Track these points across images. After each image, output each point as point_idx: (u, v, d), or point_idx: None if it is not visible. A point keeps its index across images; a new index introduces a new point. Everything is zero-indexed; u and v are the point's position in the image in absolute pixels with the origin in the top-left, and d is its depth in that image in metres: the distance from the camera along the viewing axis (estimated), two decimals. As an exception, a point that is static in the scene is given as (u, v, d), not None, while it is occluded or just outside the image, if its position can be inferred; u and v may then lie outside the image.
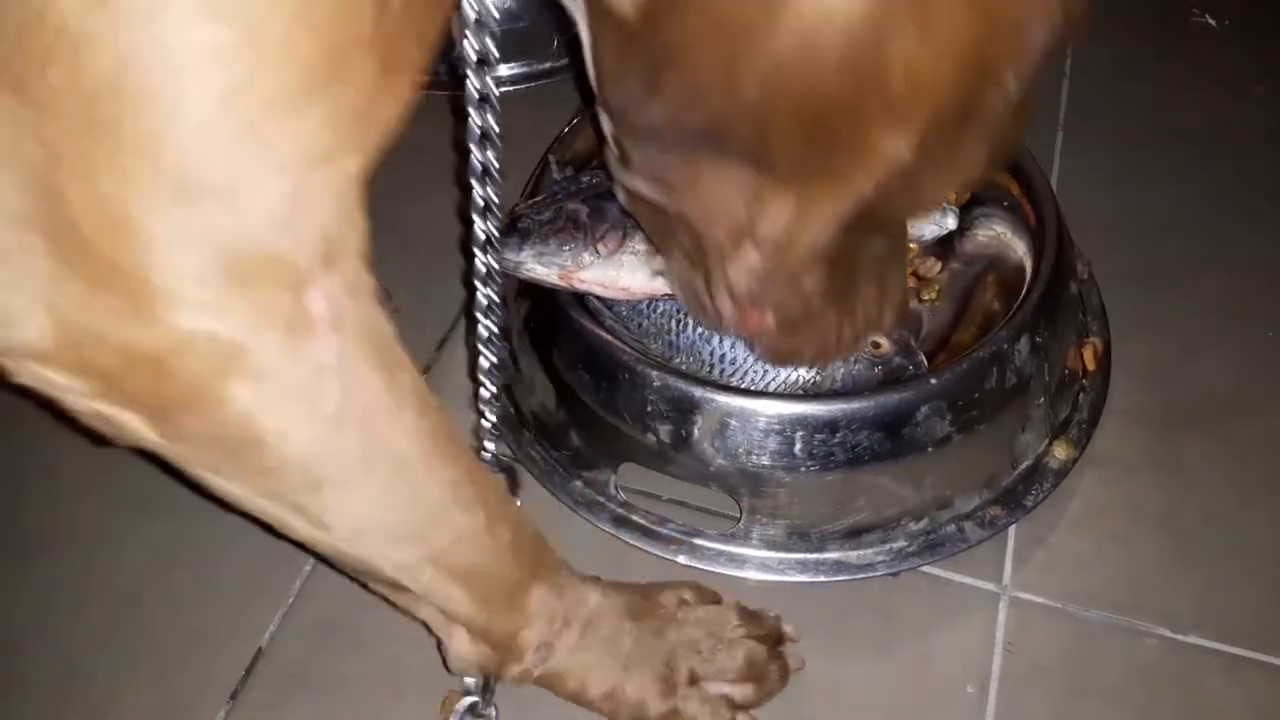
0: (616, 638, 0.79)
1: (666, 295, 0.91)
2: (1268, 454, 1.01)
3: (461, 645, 0.75)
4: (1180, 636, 0.89)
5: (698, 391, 0.87)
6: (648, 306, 0.95)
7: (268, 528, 0.62)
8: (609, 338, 0.90)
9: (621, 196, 0.78)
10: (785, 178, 0.66)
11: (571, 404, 0.92)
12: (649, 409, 0.88)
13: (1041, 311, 0.93)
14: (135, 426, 0.53)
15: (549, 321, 0.94)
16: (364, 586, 0.78)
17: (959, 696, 0.86)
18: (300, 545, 0.64)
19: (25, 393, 0.53)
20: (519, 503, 0.87)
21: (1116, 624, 0.90)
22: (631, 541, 0.93)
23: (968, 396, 0.89)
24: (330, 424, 0.56)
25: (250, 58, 0.45)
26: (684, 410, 0.87)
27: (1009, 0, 0.56)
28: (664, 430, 0.88)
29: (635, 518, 0.94)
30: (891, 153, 0.61)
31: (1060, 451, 0.98)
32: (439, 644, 0.80)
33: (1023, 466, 0.96)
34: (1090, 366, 1.03)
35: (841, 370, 0.94)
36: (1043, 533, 0.96)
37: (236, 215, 0.48)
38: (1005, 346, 0.90)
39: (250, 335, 0.51)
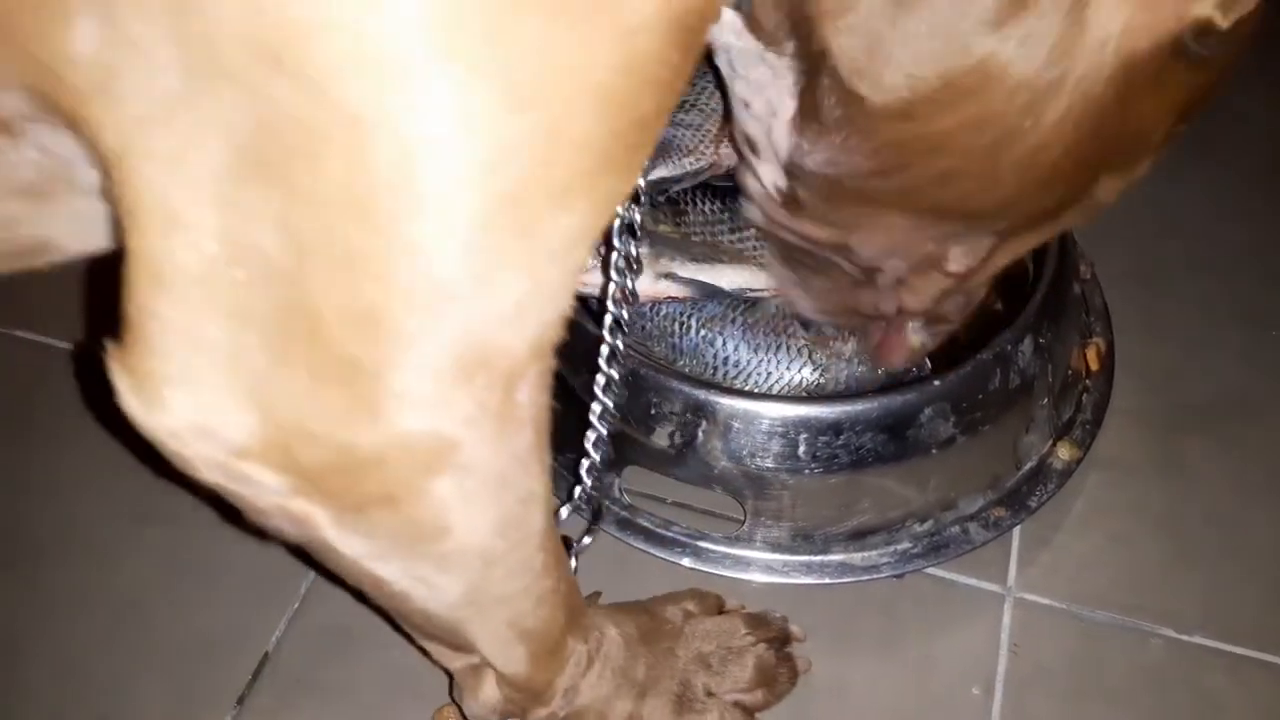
0: (631, 667, 0.78)
1: (670, 298, 0.91)
2: (1271, 454, 1.02)
3: (489, 693, 0.74)
4: (1185, 637, 0.89)
5: (702, 394, 0.87)
6: (651, 309, 0.95)
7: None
8: (612, 341, 0.90)
9: (760, 220, 0.80)
10: (996, 235, 0.70)
11: (576, 407, 0.92)
12: (653, 412, 0.88)
13: (1045, 312, 0.93)
14: (319, 524, 0.52)
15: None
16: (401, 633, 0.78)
17: (964, 698, 0.86)
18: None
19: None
20: (588, 540, 0.88)
21: (1121, 625, 0.90)
22: (636, 545, 0.93)
23: (971, 398, 0.89)
24: (508, 509, 0.56)
25: (549, 147, 0.44)
26: (688, 413, 0.87)
27: (1225, 54, 0.60)
28: (668, 433, 0.88)
29: (640, 521, 0.94)
30: (1104, 196, 0.68)
31: (1064, 452, 0.98)
32: (450, 685, 0.79)
33: (1026, 467, 0.96)
34: (1094, 367, 1.03)
35: (845, 372, 0.94)
36: (1047, 534, 0.96)
37: (479, 313, 0.47)
38: (1009, 348, 0.91)
39: (465, 430, 0.50)
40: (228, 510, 0.54)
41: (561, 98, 0.43)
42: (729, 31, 0.64)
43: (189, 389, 0.47)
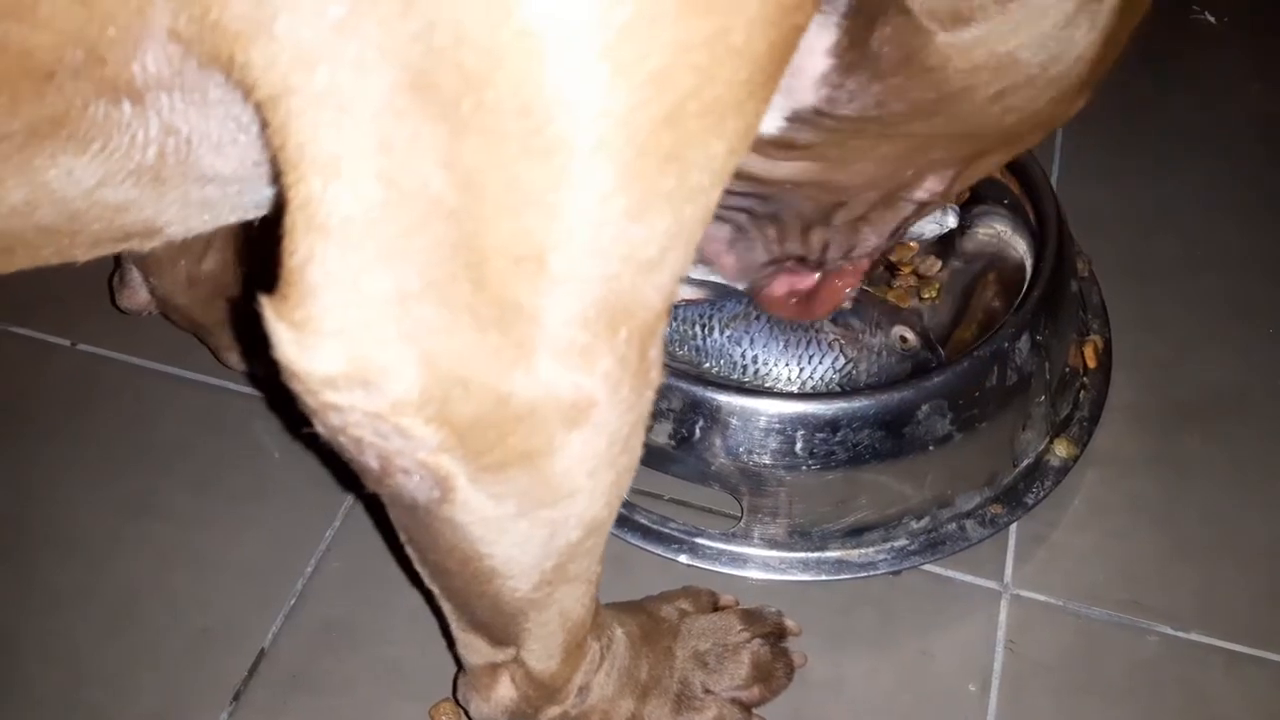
0: (635, 667, 0.78)
1: (684, 301, 0.91)
2: (1268, 451, 1.02)
3: (504, 693, 0.73)
4: (1181, 633, 0.90)
5: (699, 391, 0.87)
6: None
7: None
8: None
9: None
10: (984, 151, 0.70)
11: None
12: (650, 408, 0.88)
13: (1042, 309, 0.93)
14: (457, 484, 0.51)
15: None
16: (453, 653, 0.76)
17: (961, 695, 0.87)
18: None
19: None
20: None
21: (1117, 621, 0.90)
22: (633, 542, 0.93)
23: (968, 395, 0.89)
24: (620, 474, 0.55)
25: (713, 58, 0.42)
26: (685, 410, 0.87)
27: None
28: (665, 430, 0.88)
29: (637, 517, 0.94)
30: (1071, 116, 0.68)
31: (1061, 449, 0.98)
32: (454, 686, 0.79)
33: (1024, 464, 0.96)
34: (1091, 364, 1.03)
35: (876, 365, 0.95)
36: (1044, 531, 0.96)
37: (625, 254, 0.45)
38: (1006, 345, 0.91)
39: (605, 387, 0.49)
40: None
41: (731, 1, 0.41)
42: None
43: (350, 339, 0.46)
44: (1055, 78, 0.62)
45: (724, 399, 0.87)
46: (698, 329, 0.95)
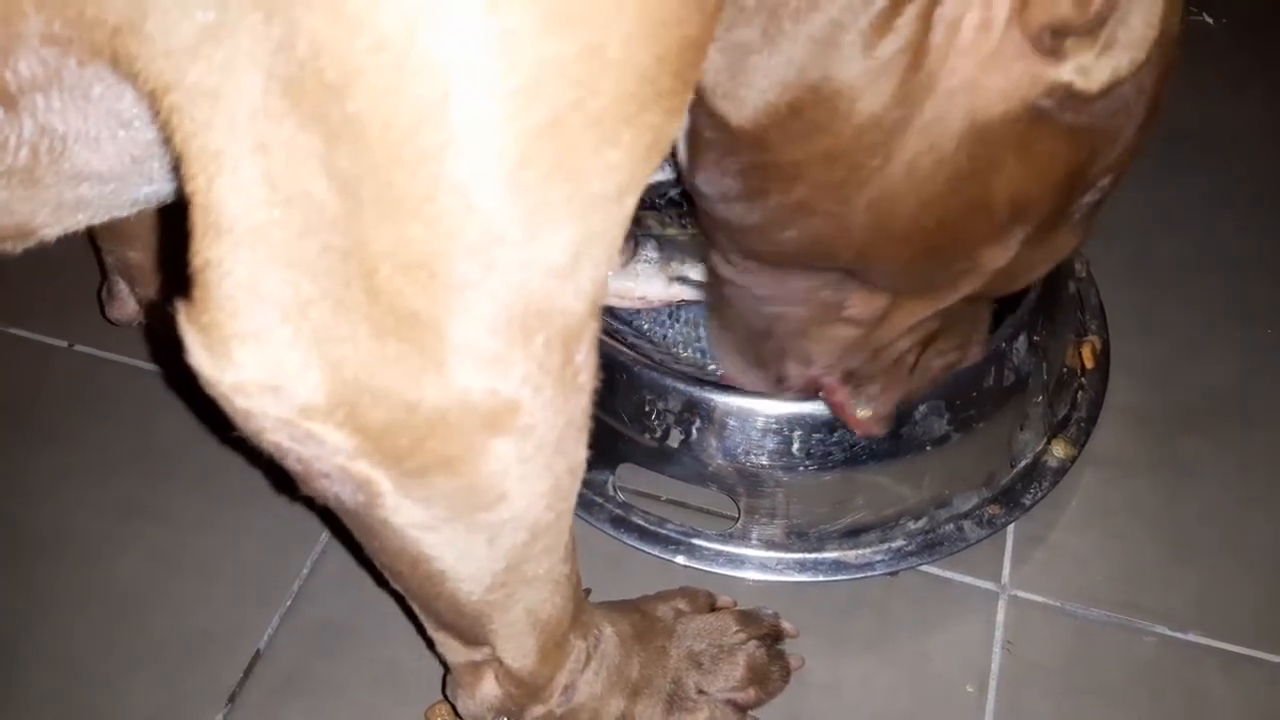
0: (625, 666, 0.78)
1: (684, 301, 0.91)
2: (1267, 453, 1.01)
3: (488, 690, 0.73)
4: (1179, 634, 0.89)
5: (696, 392, 0.87)
6: (669, 316, 0.95)
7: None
8: (605, 338, 0.90)
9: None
10: (885, 288, 0.70)
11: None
12: (646, 409, 0.88)
13: (1039, 310, 0.93)
14: (381, 490, 0.51)
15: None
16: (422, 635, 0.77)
17: (958, 696, 0.86)
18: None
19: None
20: None
21: (1115, 622, 0.90)
22: (630, 542, 0.93)
23: (966, 395, 0.89)
24: (559, 477, 0.55)
25: (589, 71, 0.41)
26: (682, 410, 0.87)
27: (1106, 120, 0.59)
28: (662, 430, 0.88)
29: (634, 518, 0.94)
30: (992, 263, 0.67)
31: (1059, 450, 0.97)
32: (444, 682, 0.79)
33: (1021, 465, 0.96)
34: (1089, 364, 1.03)
35: None
36: (1041, 531, 0.96)
37: (529, 262, 0.45)
38: (1003, 345, 0.91)
39: (526, 391, 0.49)
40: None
41: (602, 15, 0.41)
42: None
43: (257, 345, 0.46)
44: (871, 206, 0.61)
45: (721, 400, 0.87)
46: (700, 331, 0.95)
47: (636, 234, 0.91)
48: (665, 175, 0.91)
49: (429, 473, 0.51)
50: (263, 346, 0.46)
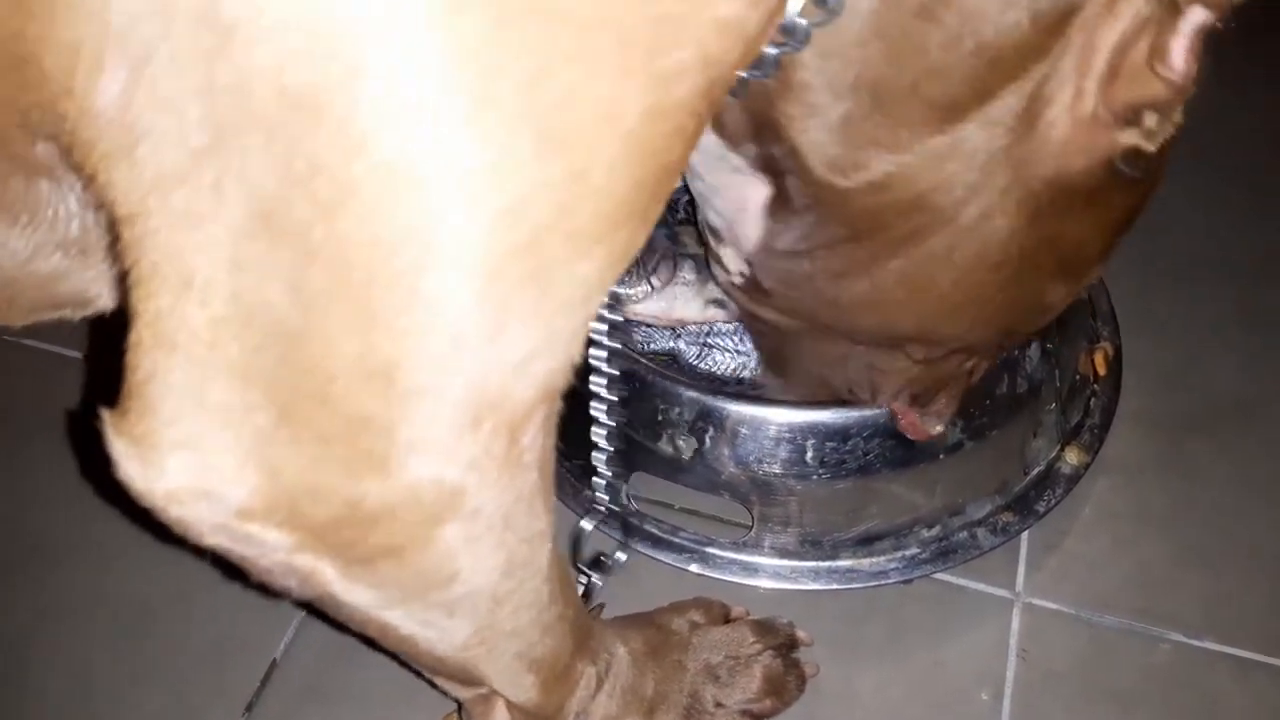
0: (640, 684, 0.78)
1: (719, 321, 0.92)
2: (1277, 457, 1.01)
3: (501, 718, 0.74)
4: (1193, 641, 0.89)
5: (709, 400, 0.87)
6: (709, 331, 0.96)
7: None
8: (620, 347, 0.90)
9: (733, 311, 0.85)
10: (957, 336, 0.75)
11: (582, 413, 0.92)
12: (660, 418, 0.88)
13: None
14: (326, 579, 0.52)
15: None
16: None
17: (973, 703, 0.86)
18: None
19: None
20: (623, 557, 0.90)
21: (1129, 629, 0.90)
22: (644, 551, 0.93)
23: (979, 403, 0.89)
24: (514, 549, 0.56)
25: (572, 194, 0.43)
26: (696, 419, 0.87)
27: (1155, 170, 0.65)
28: (675, 439, 0.88)
29: (647, 527, 0.94)
30: (1056, 303, 0.74)
31: (1072, 457, 0.97)
32: (459, 709, 0.79)
33: (1035, 472, 0.96)
34: (1101, 371, 1.03)
35: None
36: (1055, 538, 0.96)
37: (487, 362, 0.46)
38: (1016, 353, 0.91)
39: (471, 476, 0.49)
40: (229, 569, 0.53)
41: (589, 144, 0.43)
42: None
43: (190, 452, 0.46)
44: (969, 233, 0.65)
45: (734, 408, 0.87)
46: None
47: (675, 253, 0.90)
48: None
49: (375, 561, 0.51)
50: (197, 453, 0.46)
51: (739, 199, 0.70)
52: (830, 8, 0.53)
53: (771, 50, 0.54)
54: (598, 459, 0.85)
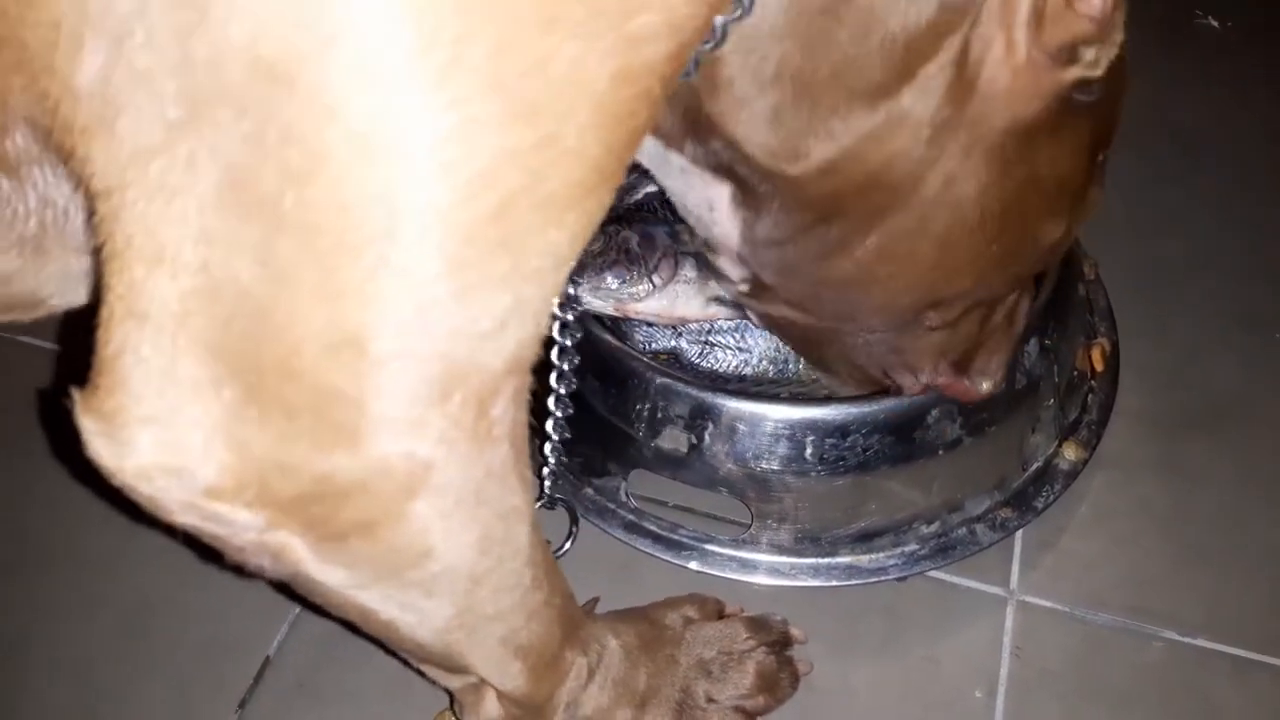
0: (632, 677, 0.78)
1: (720, 319, 0.91)
2: (1274, 456, 1.01)
3: (491, 709, 0.74)
4: (1188, 639, 0.89)
5: (708, 397, 0.87)
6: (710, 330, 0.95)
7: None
8: (618, 344, 0.90)
9: (759, 322, 0.85)
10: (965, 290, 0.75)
11: (581, 411, 0.91)
12: (659, 415, 0.87)
13: (1050, 313, 0.93)
14: (299, 556, 0.51)
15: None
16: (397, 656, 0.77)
17: (967, 701, 0.86)
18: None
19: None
20: (570, 544, 0.90)
21: (1124, 627, 0.90)
22: (643, 548, 0.92)
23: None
24: (488, 525, 0.55)
25: (543, 159, 0.44)
26: (694, 416, 0.87)
27: (1109, 90, 0.66)
28: (674, 436, 0.88)
29: (647, 524, 0.93)
30: (1051, 239, 0.74)
31: (1070, 453, 0.97)
32: (451, 700, 0.79)
33: (1033, 468, 0.96)
34: (1098, 367, 1.02)
35: None
36: (1050, 536, 0.96)
37: (456, 329, 0.46)
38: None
39: (440, 450, 0.49)
40: (206, 551, 0.53)
41: (560, 109, 0.43)
42: None
43: (159, 428, 0.46)
44: (939, 199, 0.66)
45: (732, 405, 0.86)
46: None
47: (676, 251, 0.90)
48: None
49: (347, 538, 0.51)
50: (166, 429, 0.46)
51: (704, 199, 0.71)
52: (744, 5, 0.54)
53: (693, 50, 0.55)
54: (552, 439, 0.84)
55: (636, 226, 0.92)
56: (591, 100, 0.44)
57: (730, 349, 0.93)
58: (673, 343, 0.94)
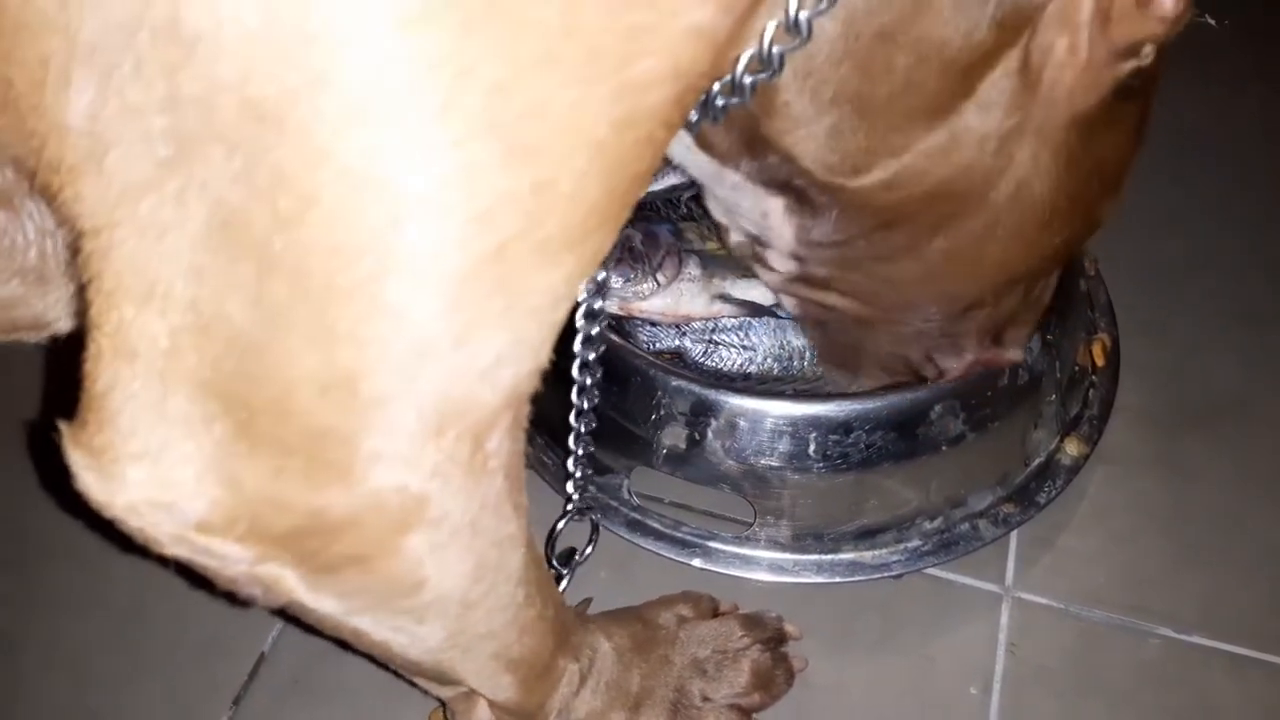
0: (625, 679, 0.78)
1: (725, 317, 0.91)
2: (1272, 454, 1.02)
3: (483, 716, 0.74)
4: (1183, 636, 0.90)
5: (710, 394, 0.86)
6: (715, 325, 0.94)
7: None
8: (620, 341, 0.89)
9: (794, 310, 0.86)
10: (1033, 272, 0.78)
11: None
12: (661, 412, 0.86)
13: (1051, 308, 0.92)
14: (290, 586, 0.51)
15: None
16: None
17: (962, 698, 0.86)
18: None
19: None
20: (590, 551, 0.89)
21: (1119, 624, 0.90)
22: (646, 546, 0.92)
23: (980, 394, 0.88)
24: (482, 554, 0.55)
25: (541, 203, 0.43)
26: (696, 413, 0.86)
27: (1154, 71, 0.66)
28: (676, 433, 0.87)
29: (650, 522, 0.93)
30: (1108, 216, 0.76)
31: (1072, 448, 0.97)
32: (442, 707, 0.79)
33: (1035, 464, 0.96)
34: (1099, 363, 1.02)
35: None
36: (1046, 533, 0.96)
37: (453, 369, 0.46)
38: (1018, 345, 0.90)
39: (435, 484, 0.49)
40: (194, 576, 0.52)
41: (558, 154, 0.42)
42: (679, 146, 0.69)
43: (149, 464, 0.45)
44: (1010, 198, 0.67)
45: (734, 401, 0.86)
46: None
47: (680, 249, 0.89)
48: (677, 179, 0.89)
49: (340, 570, 0.51)
50: (156, 465, 0.46)
51: (758, 209, 0.72)
52: (801, 35, 0.54)
53: (749, 79, 0.55)
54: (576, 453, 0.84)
55: (640, 225, 0.91)
56: (591, 146, 0.43)
57: (734, 347, 0.92)
58: (677, 342, 0.93)
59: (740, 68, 0.55)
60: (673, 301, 0.89)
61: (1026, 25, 0.59)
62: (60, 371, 0.47)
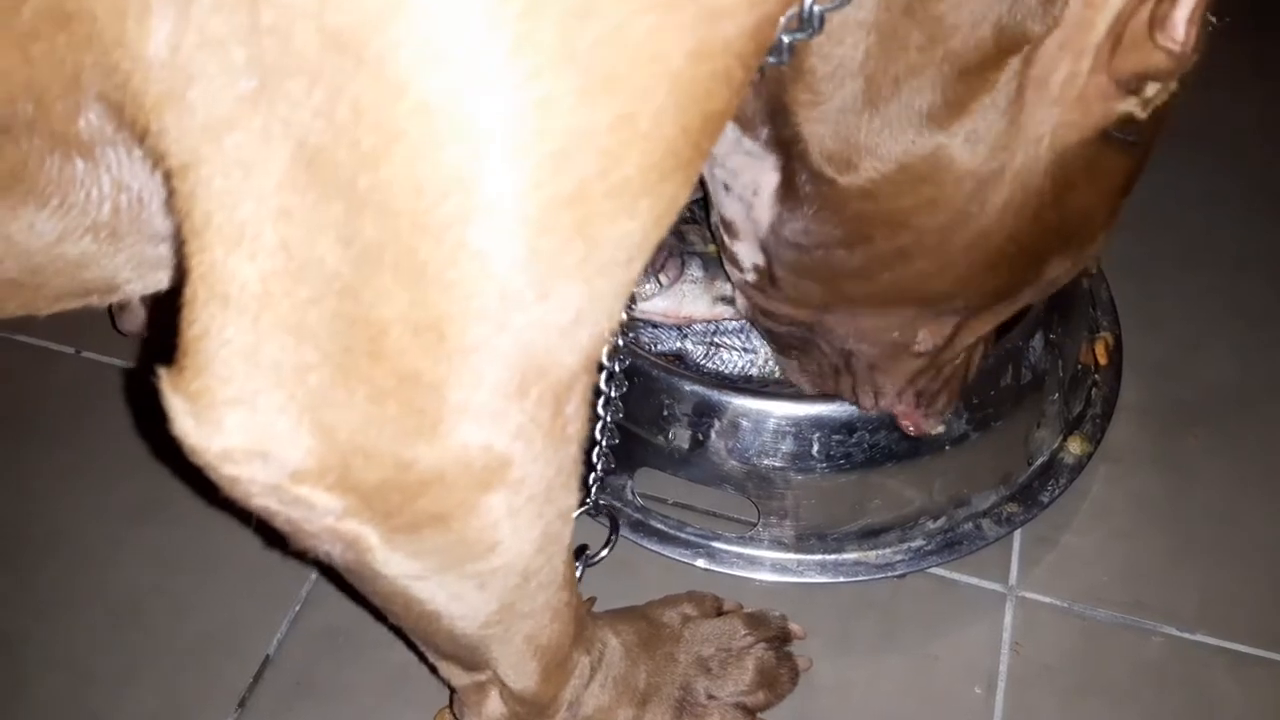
0: (632, 675, 0.78)
1: (727, 319, 0.91)
2: (1272, 452, 1.02)
3: (494, 709, 0.74)
4: (1186, 635, 0.90)
5: (713, 395, 0.86)
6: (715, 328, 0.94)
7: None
8: (623, 343, 0.89)
9: (744, 309, 0.84)
10: (958, 314, 0.74)
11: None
12: (665, 413, 0.87)
13: (1054, 308, 0.93)
14: (370, 544, 0.51)
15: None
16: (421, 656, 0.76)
17: (966, 697, 0.86)
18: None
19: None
20: (605, 553, 0.89)
21: (1123, 623, 0.90)
22: (651, 547, 0.92)
23: (984, 394, 0.88)
24: (549, 524, 0.55)
25: (617, 141, 0.42)
26: (700, 414, 0.86)
27: (1149, 132, 0.65)
28: (680, 434, 0.87)
29: (653, 523, 0.93)
30: (1055, 274, 0.73)
31: (1075, 447, 0.97)
32: (451, 699, 0.78)
33: (1038, 463, 0.96)
34: (1102, 361, 1.02)
35: None
36: (1049, 532, 0.96)
37: (535, 323, 0.45)
38: (1019, 343, 0.90)
39: (519, 445, 0.49)
40: (227, 511, 0.52)
41: (634, 87, 0.41)
42: None
43: (246, 410, 0.45)
44: (968, 244, 0.67)
45: (738, 402, 0.86)
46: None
47: (683, 251, 0.89)
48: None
49: (420, 528, 0.51)
50: (253, 412, 0.46)
51: (753, 182, 0.71)
52: None
53: (786, 38, 0.54)
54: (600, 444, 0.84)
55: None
56: (668, 77, 0.42)
57: (736, 349, 0.92)
58: (678, 344, 0.93)
59: (780, 26, 0.54)
60: (675, 303, 0.89)
61: (1024, 42, 0.58)
62: (161, 318, 0.47)
